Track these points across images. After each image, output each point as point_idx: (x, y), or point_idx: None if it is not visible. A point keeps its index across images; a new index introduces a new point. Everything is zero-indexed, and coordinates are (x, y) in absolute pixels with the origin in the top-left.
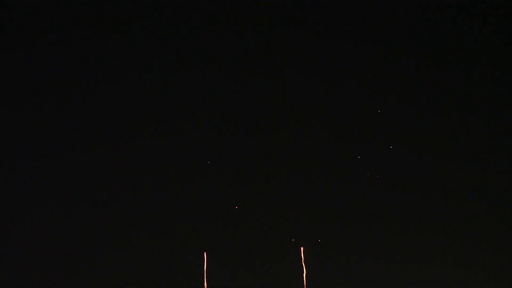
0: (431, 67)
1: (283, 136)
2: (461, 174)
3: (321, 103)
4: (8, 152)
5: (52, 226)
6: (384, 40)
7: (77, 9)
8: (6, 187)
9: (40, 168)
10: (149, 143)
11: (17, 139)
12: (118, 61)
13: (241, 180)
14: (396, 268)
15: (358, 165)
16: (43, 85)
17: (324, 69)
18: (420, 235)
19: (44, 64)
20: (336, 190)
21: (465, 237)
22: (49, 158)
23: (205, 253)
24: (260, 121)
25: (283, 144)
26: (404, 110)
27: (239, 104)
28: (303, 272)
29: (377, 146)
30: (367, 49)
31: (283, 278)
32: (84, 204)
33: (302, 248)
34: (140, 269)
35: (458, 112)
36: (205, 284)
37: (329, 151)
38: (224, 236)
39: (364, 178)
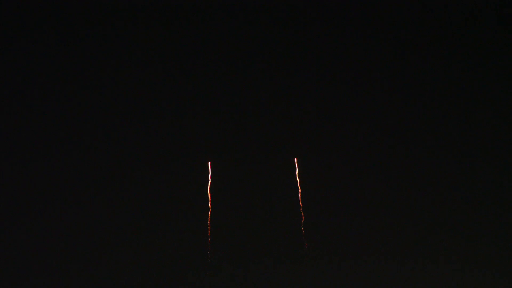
0: (432, 67)
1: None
2: (462, 175)
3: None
4: None
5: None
6: (384, 40)
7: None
8: None
9: (36, 169)
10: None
11: None
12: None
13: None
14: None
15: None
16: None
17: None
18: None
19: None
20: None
21: (466, 237)
22: (42, 158)
23: (209, 162)
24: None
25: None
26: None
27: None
28: (298, 184)
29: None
30: (368, 48)
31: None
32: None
33: (296, 159)
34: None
35: (467, 114)
36: (209, 194)
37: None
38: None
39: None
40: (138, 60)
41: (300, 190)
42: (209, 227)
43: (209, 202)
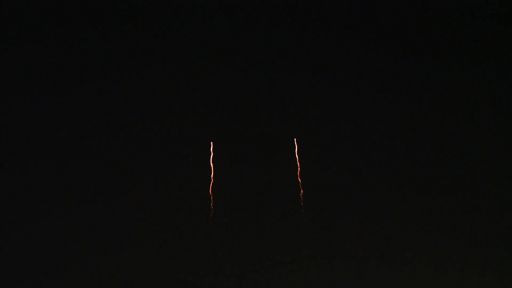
0: (431, 67)
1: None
2: (465, 175)
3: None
4: None
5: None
6: (384, 39)
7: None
8: None
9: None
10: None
11: None
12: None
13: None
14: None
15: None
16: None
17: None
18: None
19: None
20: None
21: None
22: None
23: (211, 142)
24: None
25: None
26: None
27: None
28: (297, 167)
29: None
30: (367, 48)
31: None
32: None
33: (295, 139)
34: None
35: (469, 114)
36: (212, 174)
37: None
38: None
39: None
40: (137, 56)
41: (301, 186)
42: (210, 227)
43: (211, 203)
